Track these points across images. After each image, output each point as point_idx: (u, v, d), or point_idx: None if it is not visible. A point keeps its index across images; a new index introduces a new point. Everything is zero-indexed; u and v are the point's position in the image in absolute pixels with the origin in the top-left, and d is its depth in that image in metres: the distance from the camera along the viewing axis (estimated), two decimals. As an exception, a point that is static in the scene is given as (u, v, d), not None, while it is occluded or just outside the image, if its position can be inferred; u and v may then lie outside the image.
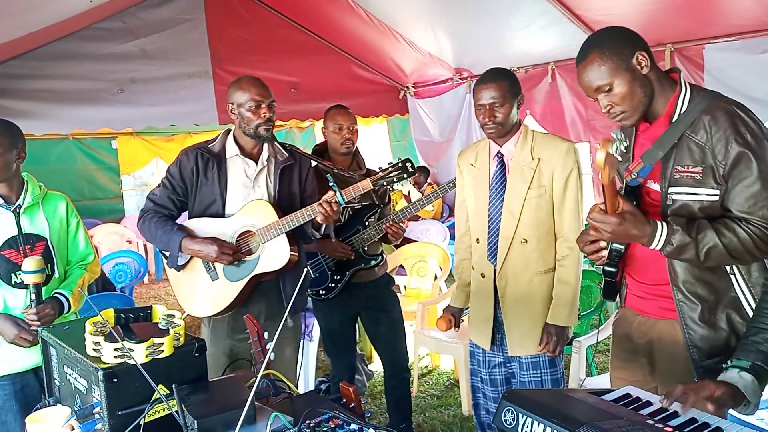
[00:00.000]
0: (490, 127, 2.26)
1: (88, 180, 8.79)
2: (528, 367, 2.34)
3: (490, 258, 2.34)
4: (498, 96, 2.23)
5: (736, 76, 3.81)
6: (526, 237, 2.27)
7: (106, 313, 1.52)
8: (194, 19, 5.10)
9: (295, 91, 5.69)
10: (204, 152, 2.48)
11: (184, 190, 2.49)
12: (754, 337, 1.49)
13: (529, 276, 2.30)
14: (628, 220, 1.55)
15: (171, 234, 2.40)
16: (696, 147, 1.62)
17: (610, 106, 1.68)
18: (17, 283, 2.19)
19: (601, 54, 1.65)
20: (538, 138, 2.32)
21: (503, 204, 2.30)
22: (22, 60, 4.44)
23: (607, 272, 1.79)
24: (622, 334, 1.93)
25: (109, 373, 1.38)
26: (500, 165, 2.33)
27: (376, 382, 4.08)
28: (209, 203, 2.48)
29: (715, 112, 1.61)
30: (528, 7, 4.30)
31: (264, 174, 2.53)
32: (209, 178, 2.47)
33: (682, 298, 1.70)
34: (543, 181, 2.26)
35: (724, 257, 1.58)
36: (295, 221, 2.39)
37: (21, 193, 2.25)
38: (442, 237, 6.00)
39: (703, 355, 1.68)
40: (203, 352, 1.54)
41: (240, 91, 2.45)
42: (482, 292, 2.39)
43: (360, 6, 5.11)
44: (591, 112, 4.88)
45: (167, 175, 2.51)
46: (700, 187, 1.62)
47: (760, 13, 3.50)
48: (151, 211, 2.48)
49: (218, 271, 2.47)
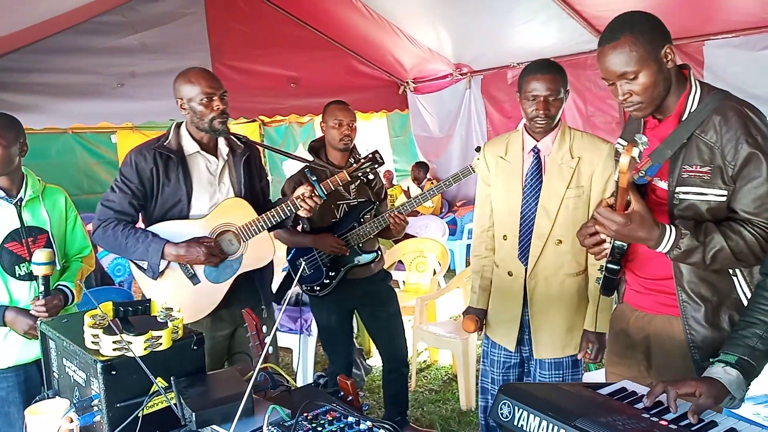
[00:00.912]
0: (541, 120, 2.14)
1: (87, 174, 8.79)
2: (551, 368, 2.28)
3: (521, 257, 2.25)
4: (554, 88, 2.12)
5: (736, 73, 3.82)
6: (561, 238, 2.18)
7: (105, 306, 1.52)
8: (194, 12, 5.10)
9: (295, 85, 5.69)
10: (161, 151, 2.31)
11: (144, 194, 2.32)
12: (742, 331, 1.48)
13: (561, 278, 2.22)
14: (635, 221, 1.51)
15: (149, 242, 2.24)
16: (705, 147, 1.60)
17: (629, 94, 1.62)
18: (21, 276, 2.21)
19: (634, 39, 1.56)
20: (577, 136, 2.23)
21: (538, 202, 2.20)
22: (22, 53, 4.43)
23: (610, 270, 1.76)
24: (619, 329, 1.93)
25: (108, 366, 1.38)
26: (536, 161, 2.23)
27: (375, 377, 4.09)
28: (172, 205, 2.34)
29: (726, 112, 1.58)
30: (528, 2, 4.30)
31: (227, 170, 2.44)
32: (171, 179, 2.32)
33: (686, 299, 1.68)
34: (582, 182, 2.17)
35: (729, 260, 1.56)
36: (275, 217, 2.35)
37: (21, 186, 2.26)
38: (441, 232, 6.00)
39: (705, 356, 1.66)
40: (201, 345, 1.55)
41: (189, 85, 2.30)
42: (509, 291, 2.30)
43: (360, 1, 5.10)
44: (591, 108, 4.89)
45: (122, 179, 2.31)
46: (707, 187, 1.60)
47: (759, 9, 3.51)
48: (111, 219, 2.29)
49: (199, 274, 2.36)
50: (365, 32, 5.64)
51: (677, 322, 1.72)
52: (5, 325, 2.17)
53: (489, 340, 2.44)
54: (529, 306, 2.27)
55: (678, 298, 1.69)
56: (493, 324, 2.41)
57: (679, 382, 1.34)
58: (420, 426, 3.45)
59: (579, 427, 1.15)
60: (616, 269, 1.75)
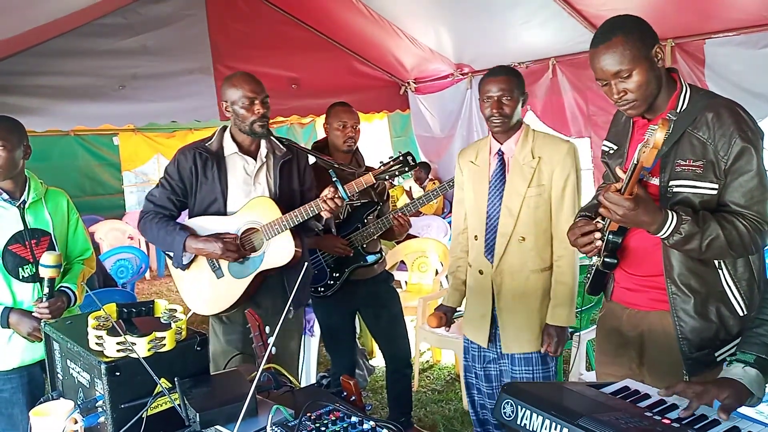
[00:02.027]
0: (496, 119, 2.26)
1: (89, 176, 8.81)
2: (520, 363, 2.35)
3: (488, 255, 2.35)
4: (506, 88, 2.25)
5: (737, 71, 3.81)
6: (524, 235, 2.28)
7: (109, 307, 1.53)
8: (195, 14, 5.10)
9: (296, 86, 5.69)
10: (202, 151, 2.46)
11: (184, 191, 2.48)
12: (758, 329, 1.49)
13: (526, 274, 2.31)
14: (641, 205, 1.55)
15: (174, 234, 2.39)
16: (698, 142, 1.66)
17: (624, 92, 1.68)
18: (24, 277, 2.23)
19: (626, 39, 1.63)
20: (539, 137, 2.33)
21: (502, 201, 2.31)
22: (23, 56, 4.44)
23: (607, 264, 1.79)
24: (610, 328, 1.94)
25: (112, 367, 1.39)
26: (500, 163, 2.34)
27: (378, 377, 4.09)
28: (210, 202, 2.47)
29: (719, 109, 1.65)
30: (528, 2, 4.29)
31: (264, 170, 2.53)
32: (209, 177, 2.45)
33: (676, 290, 1.72)
34: (542, 180, 2.27)
35: (722, 250, 1.61)
36: (299, 217, 2.39)
37: (24, 189, 2.28)
38: (444, 233, 6.00)
39: (693, 347, 1.72)
40: (205, 346, 1.55)
41: (233, 89, 2.43)
42: (479, 289, 2.39)
43: (360, 1, 5.10)
44: (592, 107, 4.88)
45: (165, 176, 2.50)
46: (700, 180, 1.65)
47: (760, 7, 3.50)
48: (151, 212, 2.47)
49: (223, 268, 2.47)
50: (366, 33, 5.63)
51: (669, 318, 1.75)
52: (9, 326, 2.18)
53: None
54: (496, 302, 2.35)
55: (667, 291, 1.73)
56: (466, 322, 2.50)
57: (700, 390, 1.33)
58: (423, 426, 3.45)
59: (582, 425, 1.16)
60: (614, 263, 1.79)
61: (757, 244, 1.63)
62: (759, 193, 1.62)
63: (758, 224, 1.61)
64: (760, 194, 1.62)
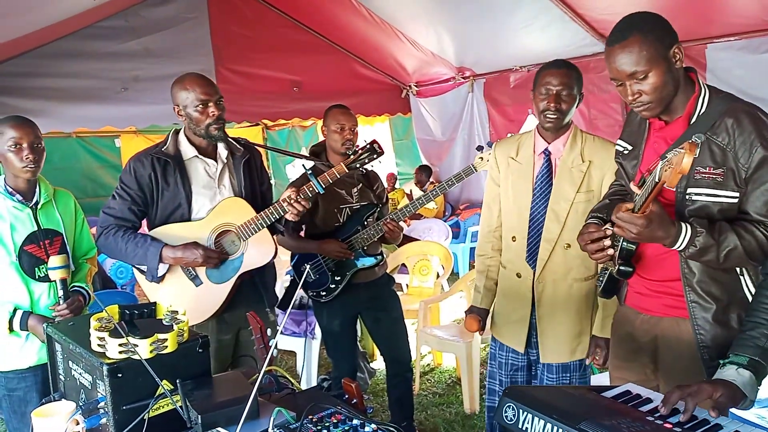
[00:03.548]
0: (552, 114, 2.13)
1: (90, 178, 8.83)
2: (557, 371, 2.26)
3: (529, 260, 2.24)
4: (567, 83, 2.13)
5: (739, 76, 3.82)
6: (570, 242, 2.16)
7: (111, 309, 1.53)
8: (197, 17, 5.12)
9: (298, 89, 5.71)
10: (159, 156, 2.34)
11: (144, 200, 2.35)
12: (751, 332, 1.48)
13: (569, 282, 2.21)
14: (654, 221, 1.51)
15: (146, 246, 2.27)
16: (717, 149, 1.59)
17: (639, 94, 1.61)
18: (41, 277, 2.26)
19: (644, 38, 1.56)
20: (588, 139, 2.22)
21: (548, 205, 2.19)
22: (26, 58, 4.46)
23: (622, 272, 1.74)
24: (624, 333, 1.91)
25: (114, 369, 1.39)
26: (546, 163, 2.22)
27: (379, 380, 4.09)
28: (173, 209, 2.36)
29: (738, 114, 1.58)
30: (529, 5, 4.31)
31: (227, 172, 2.45)
32: (170, 183, 2.34)
33: (696, 298, 1.67)
34: (592, 186, 2.17)
35: (741, 259, 1.57)
36: (274, 213, 2.35)
37: (35, 190, 2.30)
38: (444, 236, 6.00)
39: (714, 355, 1.65)
40: (207, 347, 1.55)
41: (184, 91, 2.33)
42: (517, 293, 2.28)
43: (363, 5, 5.12)
44: (593, 111, 4.90)
45: (122, 186, 2.35)
46: (720, 188, 1.60)
47: (761, 12, 3.51)
48: (112, 226, 2.33)
49: (201, 276, 2.38)
50: (368, 36, 5.65)
51: (685, 324, 1.71)
52: (27, 330, 2.21)
53: (497, 342, 2.42)
54: (536, 309, 2.25)
55: (686, 299, 1.69)
56: (500, 325, 2.39)
57: (694, 389, 1.31)
58: (424, 430, 3.45)
59: (583, 429, 1.15)
60: (630, 271, 1.73)
61: None
62: None
63: None
64: None
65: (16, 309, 2.21)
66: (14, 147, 2.19)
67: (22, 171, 2.21)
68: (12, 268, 2.21)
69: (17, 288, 2.22)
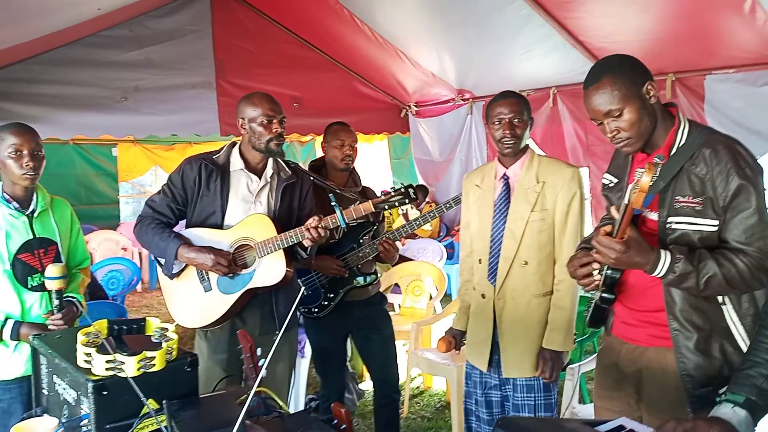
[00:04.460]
0: (508, 140, 2.27)
1: (85, 185, 8.80)
2: (522, 390, 2.33)
3: (490, 278, 2.35)
4: (517, 110, 2.28)
5: (737, 108, 3.84)
6: (527, 259, 2.28)
7: (100, 324, 1.50)
8: (200, 30, 5.13)
9: (298, 105, 5.71)
10: (208, 163, 2.48)
11: (184, 199, 2.50)
12: (749, 370, 1.48)
13: (528, 298, 2.30)
14: (633, 247, 1.56)
15: (168, 241, 2.40)
16: (696, 179, 1.66)
17: (617, 131, 1.70)
18: (33, 286, 2.24)
19: (614, 79, 1.67)
20: (543, 162, 2.35)
21: (505, 225, 2.31)
22: (27, 64, 4.45)
23: (604, 299, 1.79)
24: (608, 362, 1.93)
25: (100, 386, 1.37)
26: (505, 187, 2.36)
27: (367, 401, 4.04)
28: (208, 214, 2.48)
29: (716, 145, 1.65)
30: (531, 31, 4.33)
31: (266, 190, 2.54)
32: (211, 190, 2.47)
33: (678, 327, 1.70)
34: (546, 205, 2.28)
35: (721, 287, 1.60)
36: (293, 238, 2.38)
37: (32, 198, 2.28)
38: (439, 256, 5.99)
39: (697, 384, 1.69)
40: (195, 367, 1.53)
41: (252, 106, 2.47)
42: (482, 312, 2.38)
43: (366, 24, 5.14)
44: (591, 137, 4.90)
45: (168, 183, 2.51)
46: (699, 217, 1.65)
47: (760, 46, 3.53)
48: (149, 217, 2.48)
49: (212, 282, 2.46)
50: (370, 55, 5.67)
51: (670, 354, 1.73)
52: (19, 339, 2.18)
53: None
54: (498, 326, 2.34)
55: (669, 327, 1.71)
56: (468, 345, 2.48)
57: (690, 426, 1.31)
58: (412, 453, 3.40)
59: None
60: (611, 298, 1.78)
61: (760, 280, 1.61)
62: (759, 229, 1.61)
63: (760, 260, 1.60)
64: (761, 231, 1.61)
65: (7, 318, 2.18)
66: (15, 154, 2.18)
67: (21, 178, 2.19)
68: (4, 276, 2.18)
69: (8, 297, 2.20)
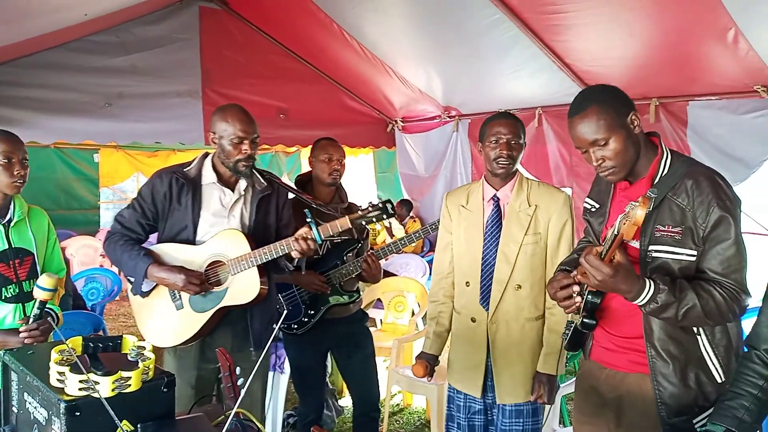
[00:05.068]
0: (504, 161, 2.26)
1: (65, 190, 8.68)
2: (511, 415, 2.30)
3: (483, 302, 2.31)
4: (515, 132, 2.27)
5: (719, 135, 3.89)
6: (520, 282, 2.26)
7: (74, 341, 1.46)
8: (188, 39, 5.11)
9: (284, 116, 5.69)
10: (179, 176, 2.39)
11: (155, 215, 2.41)
12: (730, 402, 1.50)
13: (522, 322, 2.28)
14: (621, 273, 1.57)
15: (137, 259, 2.31)
16: (677, 208, 1.68)
17: (602, 160, 1.71)
18: (7, 298, 2.18)
19: (600, 109, 1.68)
20: (534, 185, 2.35)
21: (498, 248, 2.28)
22: (9, 67, 4.38)
23: (585, 325, 1.78)
24: (588, 387, 1.93)
25: (72, 406, 1.32)
26: (496, 209, 2.33)
27: (346, 419, 4.00)
28: (180, 229, 2.40)
29: (698, 177, 1.69)
30: (519, 52, 4.37)
31: (240, 204, 2.46)
32: (182, 204, 2.39)
33: (655, 354, 1.72)
34: (539, 229, 2.27)
35: (699, 318, 1.62)
36: (267, 255, 2.32)
37: (9, 207, 2.23)
38: (422, 272, 5.97)
39: (672, 413, 1.70)
40: (172, 387, 1.49)
41: (224, 123, 2.37)
42: (472, 337, 2.34)
43: (355, 39, 5.16)
44: (575, 158, 4.95)
45: (138, 198, 2.44)
46: (679, 246, 1.67)
47: (742, 75, 3.60)
48: (117, 233, 2.40)
49: (184, 300, 2.38)
50: (358, 69, 5.68)
51: (650, 382, 1.73)
52: None
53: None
54: (491, 352, 2.30)
55: (647, 354, 1.73)
56: (456, 372, 2.43)
57: None
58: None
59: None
60: (593, 324, 1.77)
61: (734, 312, 1.64)
62: (736, 261, 1.64)
63: (735, 293, 1.63)
64: (737, 263, 1.64)
65: None
66: (5, 161, 2.14)
67: (9, 186, 2.17)
68: None
69: None
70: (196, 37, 5.14)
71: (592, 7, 3.58)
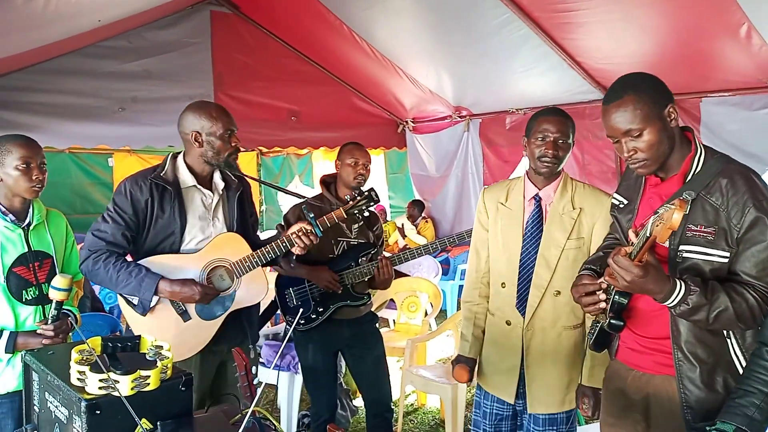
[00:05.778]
0: (549, 160, 2.13)
1: (80, 194, 8.75)
2: (544, 423, 2.20)
3: (519, 307, 2.21)
4: (564, 131, 2.14)
5: (732, 131, 3.88)
6: (560, 289, 2.14)
7: (94, 341, 1.48)
8: (200, 42, 5.16)
9: (296, 119, 5.73)
10: (158, 182, 2.26)
11: (137, 225, 2.25)
12: (740, 400, 1.47)
13: (558, 330, 2.18)
14: (650, 273, 1.50)
15: (142, 277, 2.17)
16: (710, 208, 1.60)
17: (633, 151, 1.64)
18: (28, 300, 2.20)
19: (638, 98, 1.61)
20: (579, 187, 2.22)
21: (538, 251, 2.16)
22: (24, 73, 4.45)
23: (613, 326, 1.72)
24: (615, 389, 1.88)
25: (93, 405, 1.34)
26: (537, 209, 2.20)
27: (360, 418, 4.00)
28: (164, 237, 2.28)
29: (733, 176, 1.61)
30: (530, 51, 4.37)
31: (221, 204, 2.41)
32: (166, 212, 2.26)
33: (682, 357, 1.66)
34: (582, 233, 2.15)
35: (730, 321, 1.55)
36: (270, 253, 2.32)
37: (28, 210, 2.26)
38: (434, 272, 5.97)
39: (698, 417, 1.64)
40: (190, 386, 1.51)
41: (210, 119, 2.30)
42: (506, 341, 2.24)
43: (365, 41, 5.18)
44: (587, 156, 4.94)
45: (116, 210, 2.23)
46: (711, 247, 1.60)
47: (755, 71, 3.58)
48: (103, 251, 2.21)
49: (190, 311, 2.31)
50: (368, 71, 5.71)
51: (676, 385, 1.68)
52: (15, 350, 2.15)
53: (482, 390, 2.36)
54: (525, 358, 2.20)
55: (674, 357, 1.67)
56: (489, 374, 2.33)
57: None
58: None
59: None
60: (620, 325, 1.71)
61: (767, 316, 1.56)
62: None
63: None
64: None
65: (2, 330, 2.15)
66: (24, 166, 2.18)
67: (28, 191, 2.20)
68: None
69: (2, 310, 2.16)
70: (208, 41, 5.19)
71: (602, 5, 3.58)
